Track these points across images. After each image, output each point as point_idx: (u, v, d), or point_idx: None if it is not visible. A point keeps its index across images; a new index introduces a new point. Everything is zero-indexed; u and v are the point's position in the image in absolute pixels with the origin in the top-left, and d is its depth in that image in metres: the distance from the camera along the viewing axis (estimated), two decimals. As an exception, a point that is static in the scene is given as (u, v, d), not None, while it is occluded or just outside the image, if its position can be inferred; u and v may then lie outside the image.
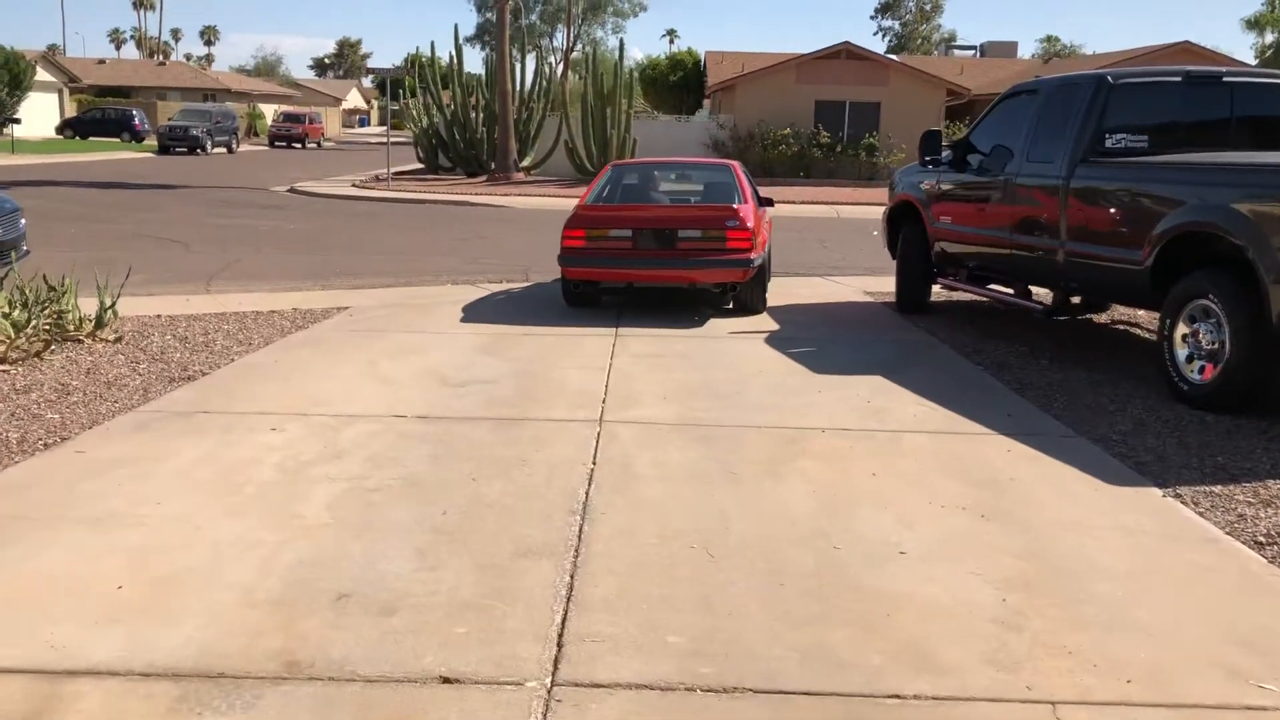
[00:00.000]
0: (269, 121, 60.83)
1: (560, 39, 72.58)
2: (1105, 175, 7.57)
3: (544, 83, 31.63)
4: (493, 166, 29.50)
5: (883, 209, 11.52)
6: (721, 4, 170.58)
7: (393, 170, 32.69)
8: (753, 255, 9.56)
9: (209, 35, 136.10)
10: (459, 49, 31.21)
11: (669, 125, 35.45)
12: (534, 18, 73.00)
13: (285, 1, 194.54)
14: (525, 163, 30.98)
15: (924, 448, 5.69)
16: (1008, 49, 52.91)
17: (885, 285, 11.98)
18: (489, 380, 7.01)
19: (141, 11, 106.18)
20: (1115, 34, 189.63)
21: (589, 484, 4.96)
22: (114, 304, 8.23)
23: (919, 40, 79.88)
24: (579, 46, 73.11)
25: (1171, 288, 6.85)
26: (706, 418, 6.20)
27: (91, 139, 49.83)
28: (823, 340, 8.77)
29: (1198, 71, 8.04)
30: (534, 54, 75.19)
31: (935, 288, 10.37)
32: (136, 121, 50.54)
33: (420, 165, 33.70)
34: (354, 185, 27.35)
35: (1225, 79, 7.95)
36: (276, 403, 6.36)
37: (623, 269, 9.80)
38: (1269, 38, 48.13)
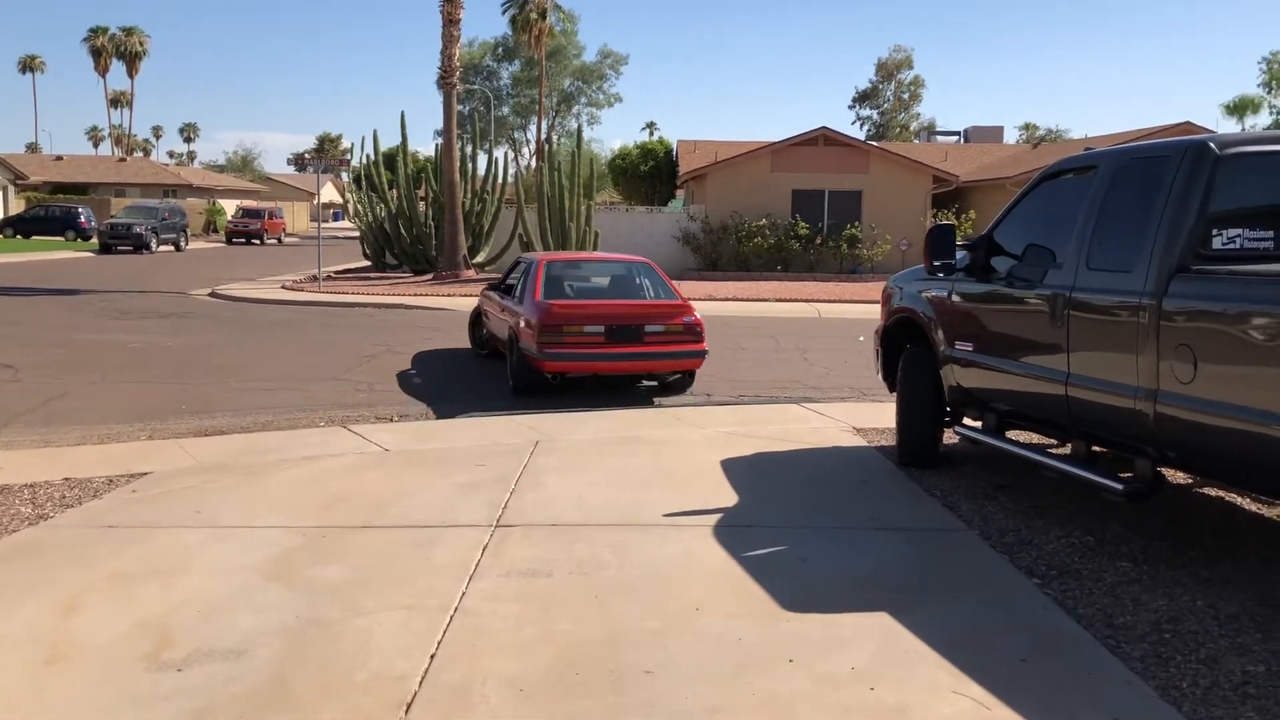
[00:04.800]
0: (229, 217, 58.49)
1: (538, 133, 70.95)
2: (1225, 293, 4.90)
3: (496, 171, 29.24)
4: (440, 264, 26.93)
5: (875, 320, 8.92)
6: (699, 96, 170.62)
7: (337, 269, 30.27)
8: (705, 345, 10.83)
9: (189, 132, 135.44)
10: (405, 137, 28.92)
11: (636, 216, 33.05)
12: (505, 110, 71.57)
13: (268, 99, 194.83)
14: (479, 259, 28.46)
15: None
16: (993, 134, 51.16)
17: (880, 417, 9.33)
18: (236, 648, 4.18)
19: (120, 109, 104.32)
20: (1092, 121, 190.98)
21: None
22: None
23: (898, 129, 78.46)
24: (555, 139, 71.66)
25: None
26: (582, 753, 3.40)
27: (35, 238, 47.19)
28: (798, 528, 6.01)
29: (1341, 135, 5.45)
30: (507, 146, 73.97)
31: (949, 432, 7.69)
32: (82, 219, 47.84)
33: (368, 263, 31.17)
34: (283, 287, 24.67)
35: (1378, 144, 5.36)
36: None
37: (597, 361, 10.61)
38: (1263, 119, 46.48)
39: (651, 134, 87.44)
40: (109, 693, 3.80)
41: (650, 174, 49.03)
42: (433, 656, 4.13)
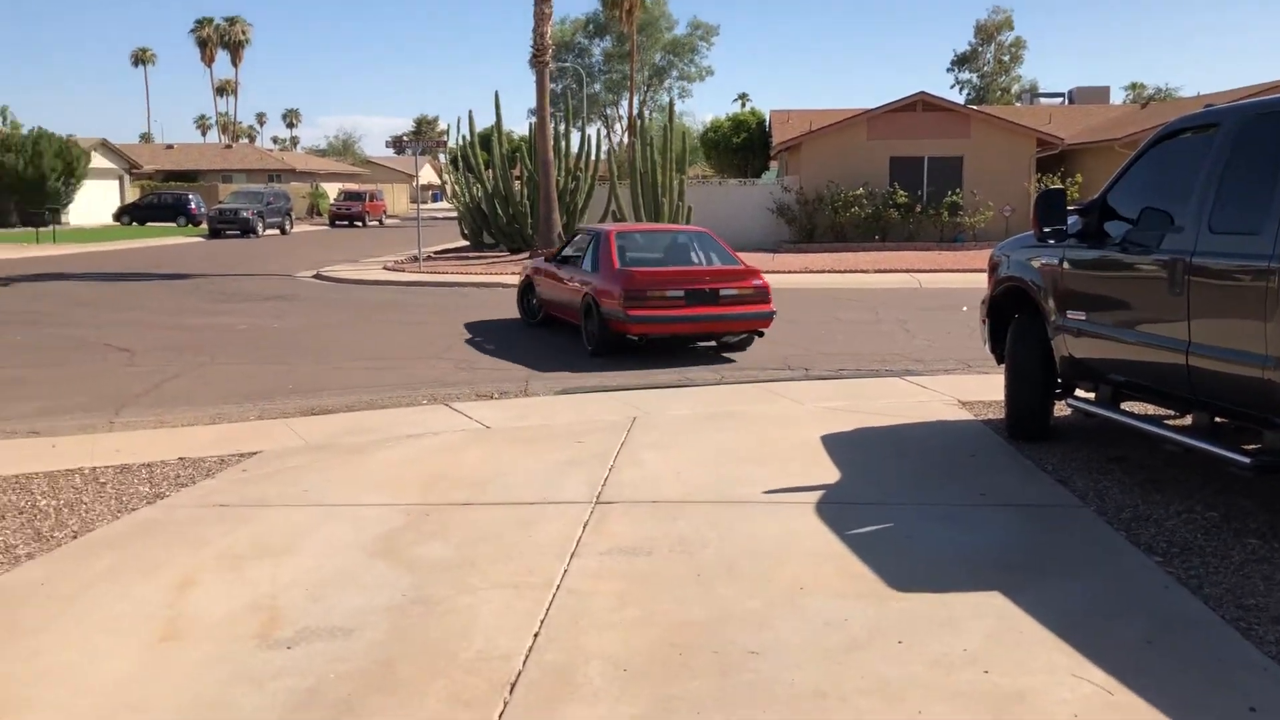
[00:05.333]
0: (331, 200, 59.81)
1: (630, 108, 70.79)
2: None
3: (589, 149, 29.23)
4: (536, 242, 27.09)
5: (978, 289, 8.66)
6: (791, 66, 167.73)
7: (436, 249, 30.67)
8: (773, 306, 11.76)
9: (291, 118, 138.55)
10: (499, 116, 29.08)
11: (728, 189, 32.77)
12: (597, 87, 71.61)
13: (366, 83, 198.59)
14: (574, 236, 28.54)
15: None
16: (1099, 94, 49.32)
17: (987, 390, 9.07)
18: (343, 627, 4.25)
19: (225, 97, 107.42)
20: (1201, 79, 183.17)
21: None
22: None
23: (998, 92, 76.24)
24: (647, 114, 71.46)
25: None
26: (687, 737, 3.35)
27: (149, 224, 48.99)
28: (903, 505, 5.87)
29: None
30: (599, 123, 73.98)
31: (1060, 404, 7.43)
32: (192, 205, 49.57)
33: (466, 243, 31.51)
34: (384, 268, 25.13)
35: None
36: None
37: (678, 324, 11.49)
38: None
39: (743, 105, 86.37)
40: (222, 671, 3.88)
41: (743, 146, 48.62)
42: (536, 635, 4.13)
